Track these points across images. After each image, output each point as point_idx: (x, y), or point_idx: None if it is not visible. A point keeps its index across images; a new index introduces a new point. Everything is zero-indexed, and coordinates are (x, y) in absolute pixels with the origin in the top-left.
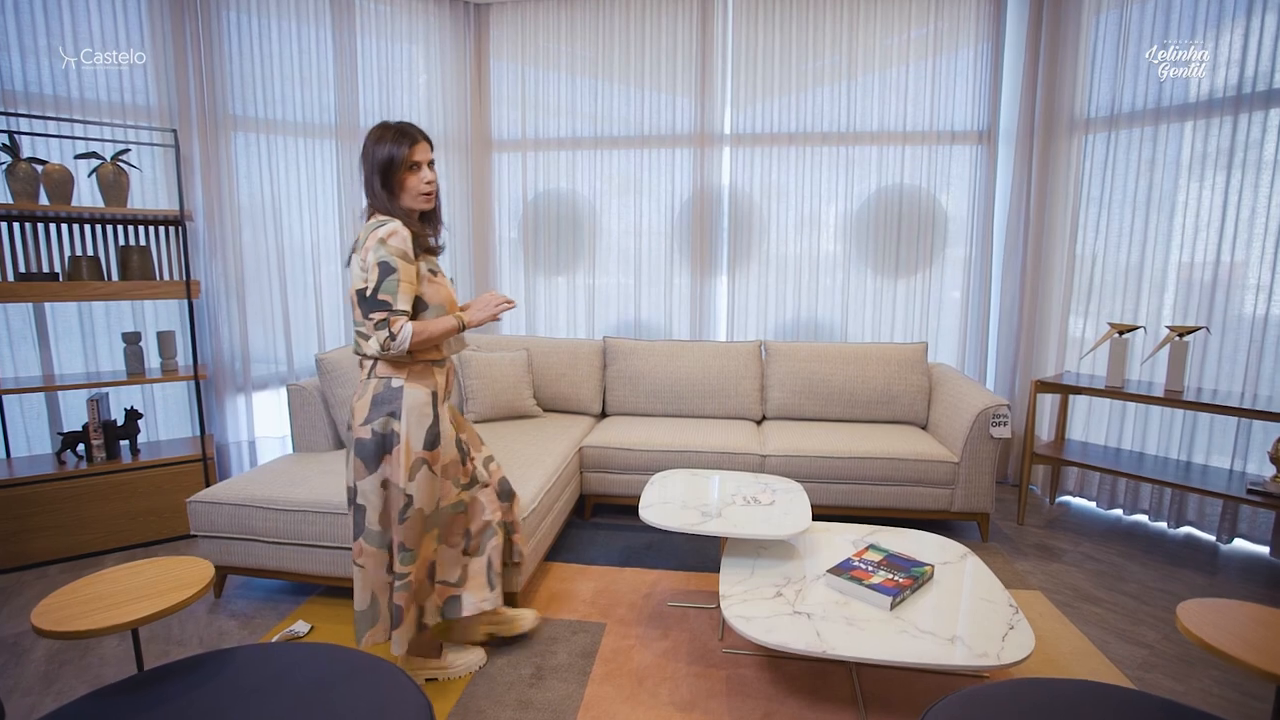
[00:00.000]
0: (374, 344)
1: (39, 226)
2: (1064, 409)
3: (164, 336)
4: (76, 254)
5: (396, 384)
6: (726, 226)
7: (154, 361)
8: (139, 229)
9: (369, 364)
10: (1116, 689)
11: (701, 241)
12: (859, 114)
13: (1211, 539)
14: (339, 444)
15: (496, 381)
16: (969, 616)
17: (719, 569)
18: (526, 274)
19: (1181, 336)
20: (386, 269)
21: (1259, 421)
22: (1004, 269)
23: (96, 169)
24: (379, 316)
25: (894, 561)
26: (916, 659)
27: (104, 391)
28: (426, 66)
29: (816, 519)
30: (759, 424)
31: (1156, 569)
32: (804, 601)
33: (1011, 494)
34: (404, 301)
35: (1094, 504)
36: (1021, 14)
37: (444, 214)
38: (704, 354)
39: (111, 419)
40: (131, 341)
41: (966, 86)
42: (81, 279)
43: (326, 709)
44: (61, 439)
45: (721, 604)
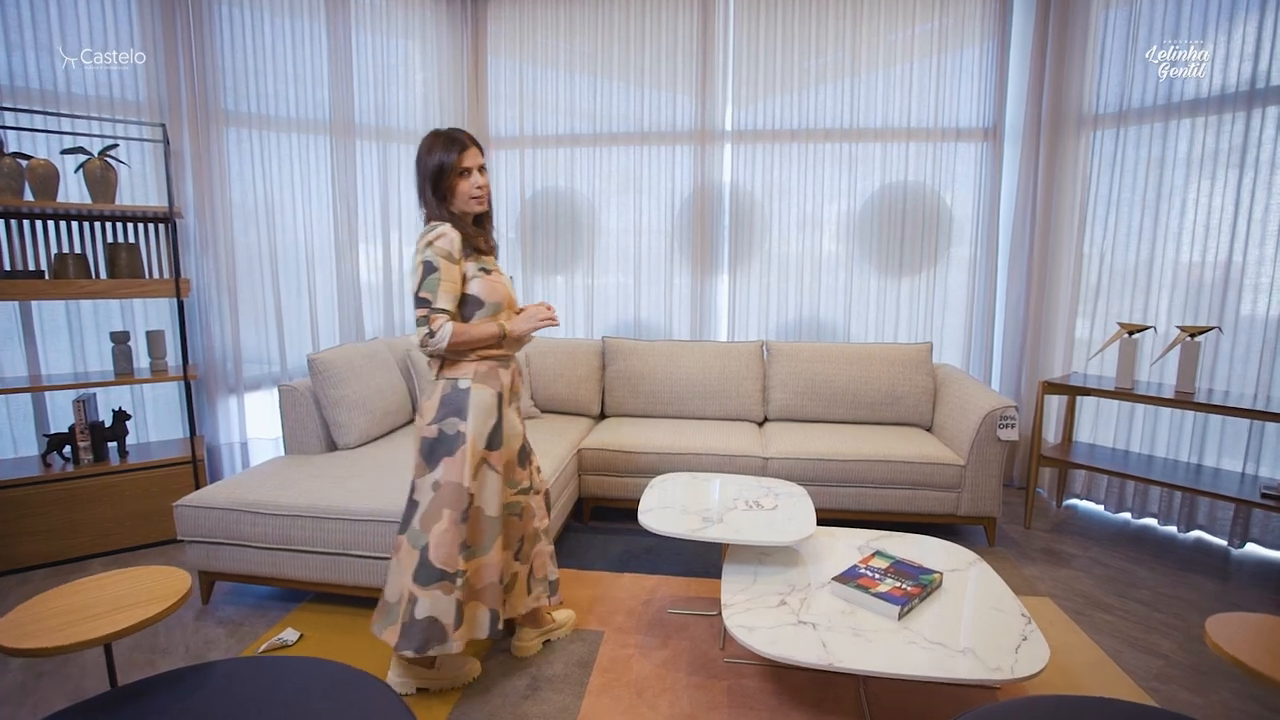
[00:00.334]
0: (414, 340)
1: (24, 223)
2: (1071, 410)
3: (153, 336)
4: (63, 251)
5: (464, 385)
6: (727, 224)
7: (143, 361)
8: (127, 226)
9: (436, 363)
10: (1138, 707)
11: (702, 240)
12: (862, 111)
13: (1223, 543)
14: (331, 446)
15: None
16: (980, 627)
17: (720, 574)
18: (524, 273)
19: (1193, 337)
20: (429, 268)
21: (1272, 424)
22: (1010, 268)
23: (83, 165)
24: (420, 313)
25: (901, 569)
26: (927, 672)
27: (91, 392)
28: (423, 63)
29: (819, 523)
30: (761, 426)
31: (1167, 574)
32: (809, 611)
33: (1017, 497)
34: (444, 300)
35: (1101, 507)
36: (1028, 9)
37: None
38: (705, 354)
39: (99, 420)
40: (120, 341)
41: (972, 82)
42: (68, 277)
43: None
44: (47, 441)
45: (723, 613)
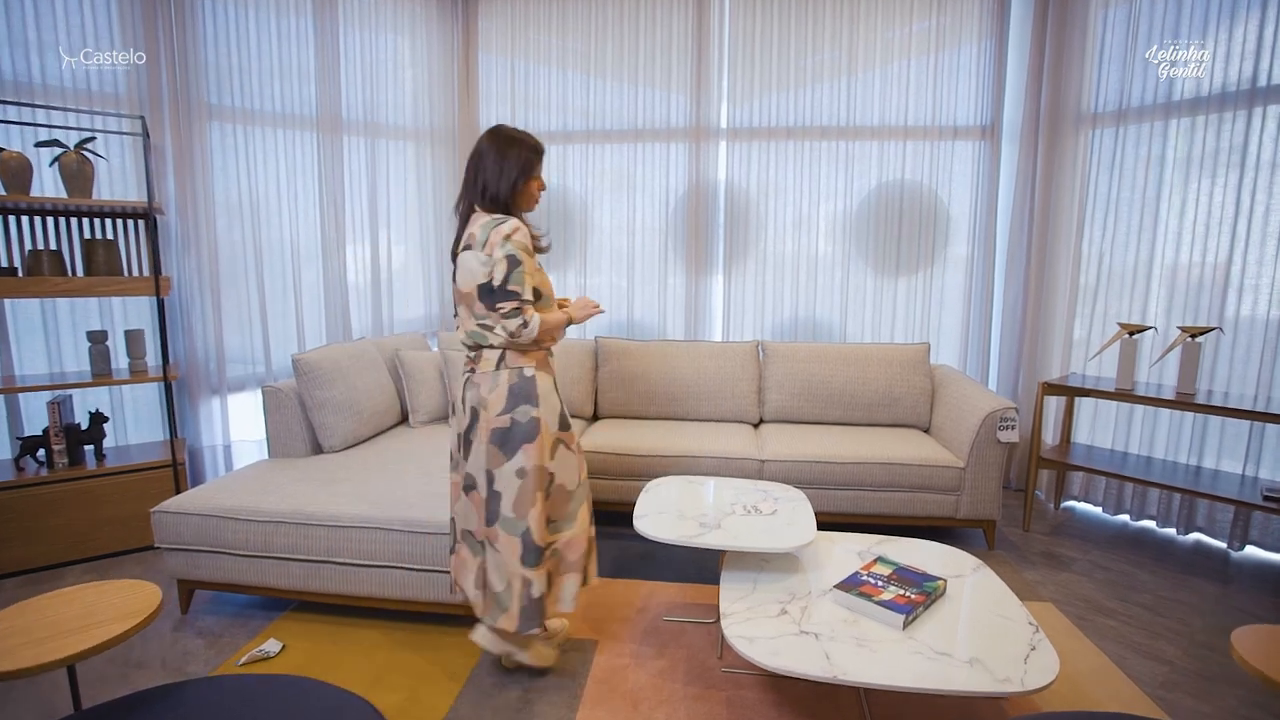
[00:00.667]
0: (501, 333)
1: None
2: (1069, 411)
3: (132, 335)
4: (37, 248)
5: (529, 373)
6: (722, 223)
7: (122, 362)
8: (105, 222)
9: (494, 355)
10: None
11: (697, 238)
12: (859, 108)
13: (1222, 545)
14: (317, 449)
15: None
16: (987, 636)
17: (717, 580)
18: None
19: (1194, 338)
20: (514, 261)
21: (1272, 426)
22: (1007, 267)
23: (59, 158)
24: (510, 305)
25: (904, 575)
26: (935, 685)
27: (67, 393)
28: (413, 59)
29: (817, 527)
30: (756, 427)
31: (1168, 577)
32: (810, 620)
33: (1014, 499)
34: (528, 292)
35: (1100, 509)
36: (1027, 7)
37: (431, 211)
38: (700, 355)
39: (75, 422)
40: (97, 340)
41: (969, 81)
42: (42, 274)
43: None
44: (20, 444)
45: (722, 623)
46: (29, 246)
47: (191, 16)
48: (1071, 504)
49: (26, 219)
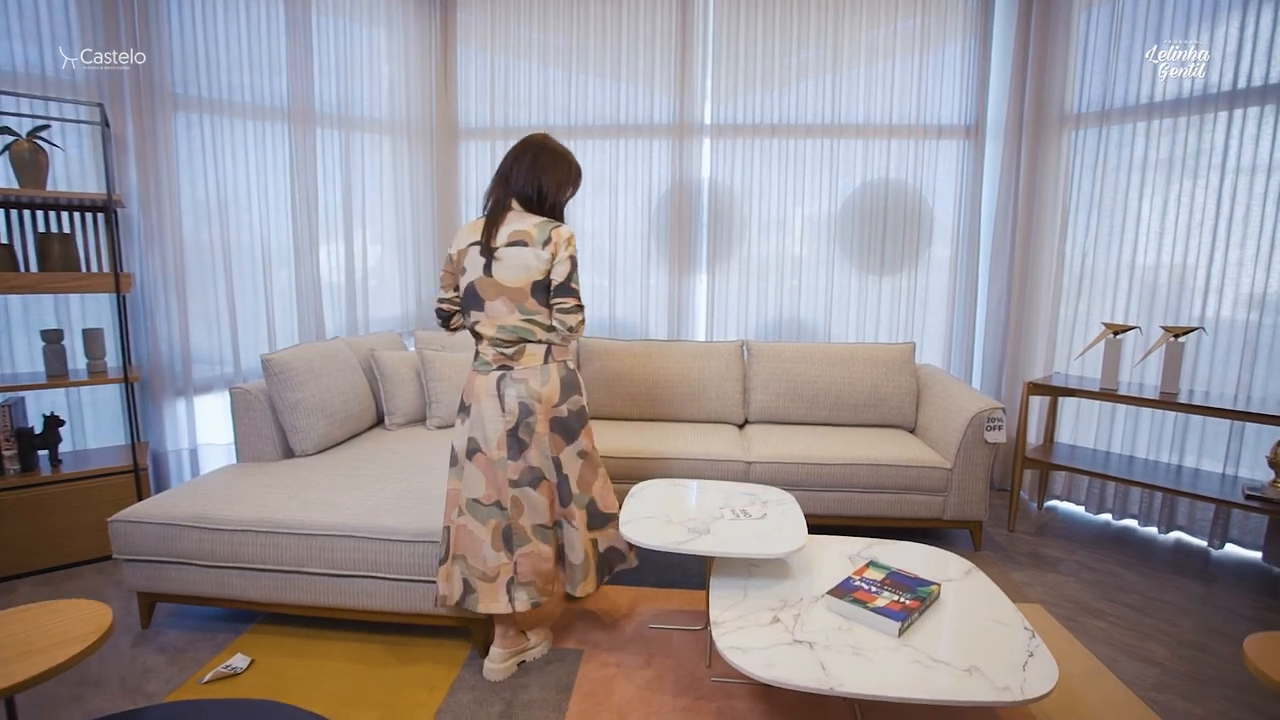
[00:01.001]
0: (558, 327)
1: None
2: (1053, 411)
3: (90, 334)
4: None
5: (572, 365)
6: (706, 221)
7: (80, 362)
8: (61, 215)
9: (540, 350)
10: None
11: (680, 237)
12: (844, 107)
13: (1202, 544)
14: (288, 453)
15: (462, 384)
16: (984, 642)
17: (702, 584)
18: None
19: (1177, 337)
20: (575, 263)
21: (1251, 425)
22: (991, 267)
23: (9, 146)
24: (573, 303)
25: (898, 580)
26: (934, 695)
27: (19, 395)
28: (389, 52)
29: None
30: (741, 428)
31: (1153, 577)
32: (804, 628)
33: (998, 499)
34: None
35: (1082, 508)
36: (1010, 7)
37: (408, 207)
38: (684, 355)
39: (28, 426)
40: (52, 340)
41: (954, 80)
42: None
43: None
44: None
45: (713, 633)
46: None
47: (155, 2)
48: (1054, 503)
49: None
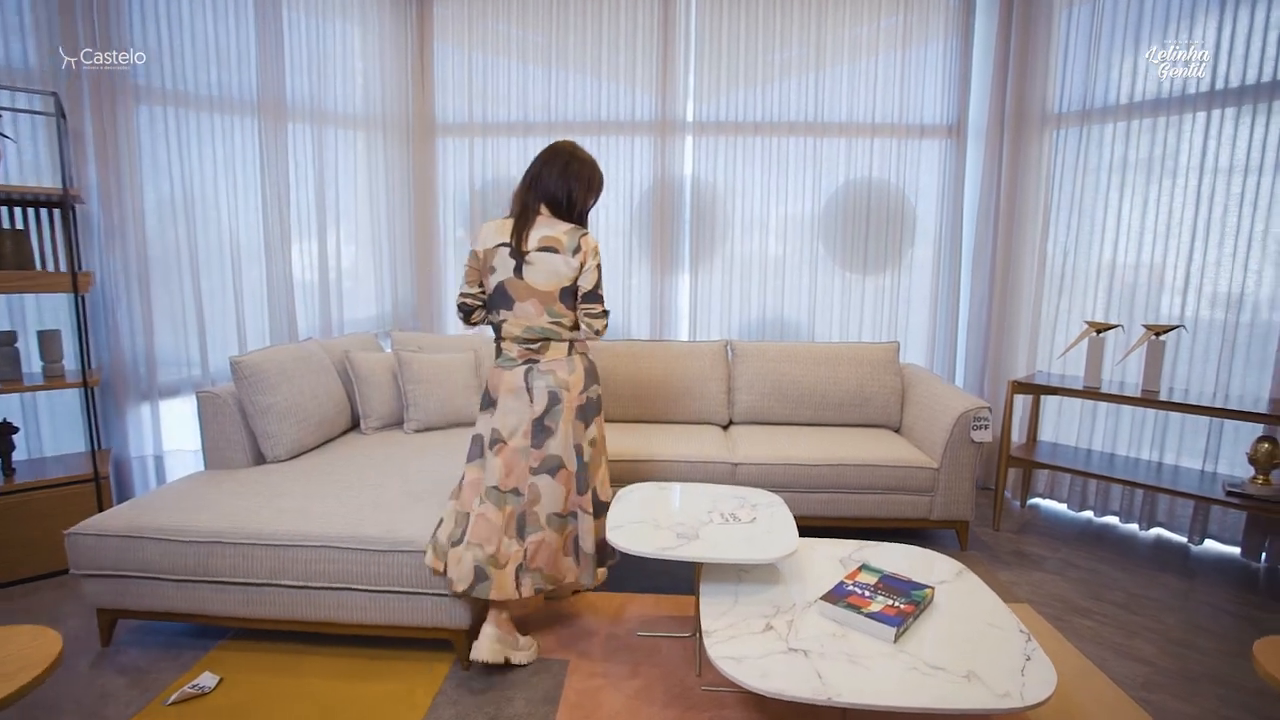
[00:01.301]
0: (585, 329)
1: None
2: (1035, 410)
3: (47, 336)
4: None
5: (591, 357)
6: (688, 220)
7: (35, 366)
8: (14, 211)
9: (564, 344)
10: None
11: (662, 236)
12: (826, 105)
13: (1182, 540)
14: (259, 459)
15: (441, 386)
16: (980, 647)
17: (690, 589)
18: None
19: (1158, 336)
20: (601, 270)
21: (1230, 423)
22: (973, 266)
23: None
24: (601, 308)
25: (891, 584)
26: (934, 703)
27: None
28: (363, 48)
29: None
30: (726, 429)
31: (1138, 574)
32: (797, 635)
33: (983, 498)
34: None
35: (1064, 506)
36: (991, 6)
37: (383, 205)
38: (667, 355)
39: None
40: (5, 342)
41: (936, 79)
42: None
43: None
44: None
45: (705, 642)
46: None
47: None
48: (1036, 501)
49: None
